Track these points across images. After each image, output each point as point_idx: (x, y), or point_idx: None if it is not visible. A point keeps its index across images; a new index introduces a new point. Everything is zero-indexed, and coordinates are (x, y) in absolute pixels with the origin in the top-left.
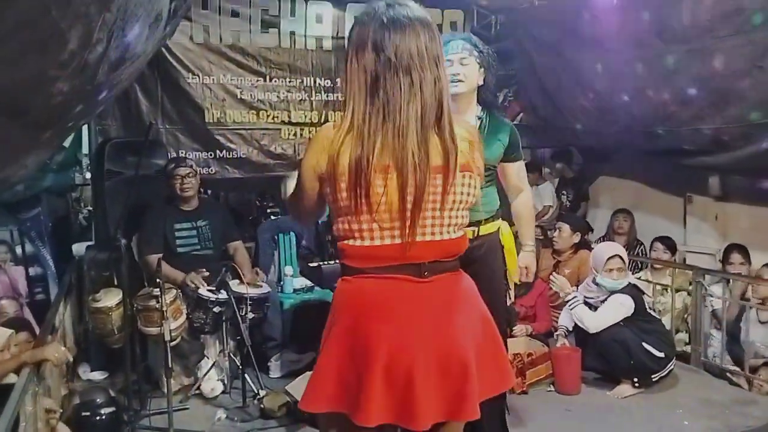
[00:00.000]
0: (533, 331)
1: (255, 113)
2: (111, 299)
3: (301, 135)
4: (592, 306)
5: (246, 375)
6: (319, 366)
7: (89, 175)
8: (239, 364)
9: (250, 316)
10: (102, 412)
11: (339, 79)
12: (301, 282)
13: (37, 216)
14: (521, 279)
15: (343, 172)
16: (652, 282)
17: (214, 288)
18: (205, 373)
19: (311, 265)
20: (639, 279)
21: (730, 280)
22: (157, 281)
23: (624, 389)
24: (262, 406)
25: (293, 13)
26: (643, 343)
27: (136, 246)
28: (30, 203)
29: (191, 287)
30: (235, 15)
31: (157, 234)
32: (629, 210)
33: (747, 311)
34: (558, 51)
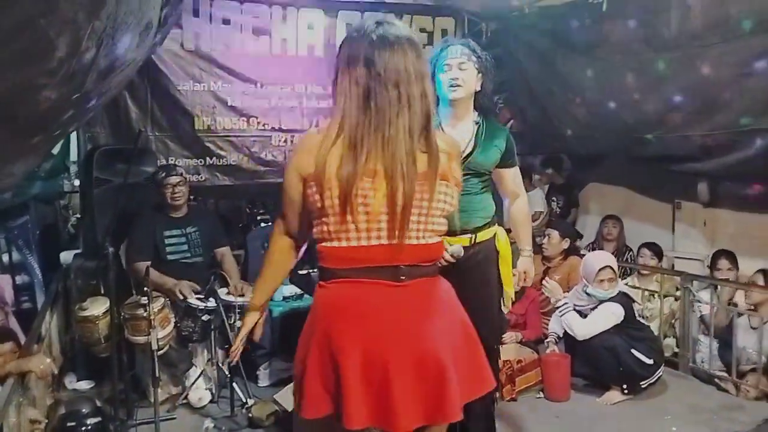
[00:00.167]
0: (523, 338)
1: (245, 120)
2: (98, 308)
3: (292, 142)
4: (582, 313)
5: (234, 384)
6: (308, 373)
7: (78, 183)
8: (227, 373)
9: (238, 324)
10: (88, 422)
11: (330, 87)
12: (291, 290)
13: (25, 224)
14: (520, 284)
15: (331, 176)
16: (639, 288)
17: (202, 296)
18: (193, 382)
19: (301, 273)
20: (627, 285)
21: (717, 285)
22: (145, 289)
23: (613, 396)
24: (250, 415)
25: (284, 21)
26: (633, 350)
27: (124, 253)
28: (18, 211)
29: (179, 297)
30: (226, 22)
31: (147, 241)
32: (618, 216)
33: (735, 317)
34: (548, 58)
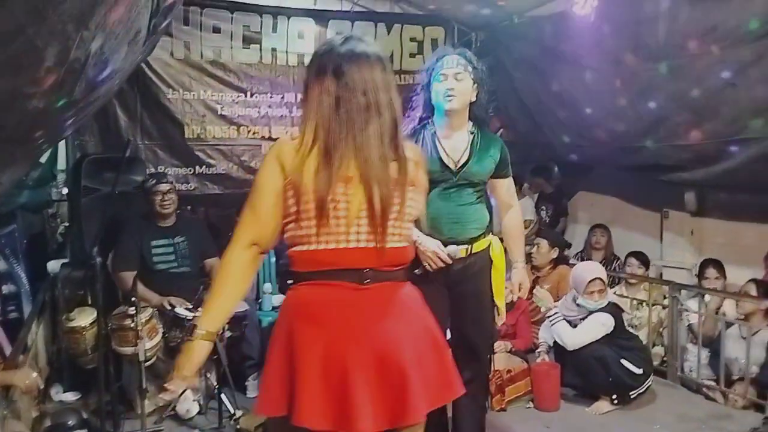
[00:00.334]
0: (513, 348)
1: (235, 129)
2: (85, 318)
3: None
4: (572, 323)
5: (222, 395)
6: (266, 372)
7: (66, 191)
8: (215, 384)
9: (227, 334)
10: None
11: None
12: (280, 299)
13: (12, 232)
14: (516, 295)
15: (309, 182)
16: (628, 297)
17: (191, 306)
18: (181, 394)
19: (290, 282)
20: (615, 293)
21: (705, 294)
22: (132, 300)
23: (602, 405)
24: (238, 426)
25: (275, 30)
26: (622, 360)
27: (111, 262)
28: (4, 219)
29: (167, 308)
30: (216, 31)
31: (134, 251)
32: (606, 225)
33: (723, 326)
34: (537, 68)
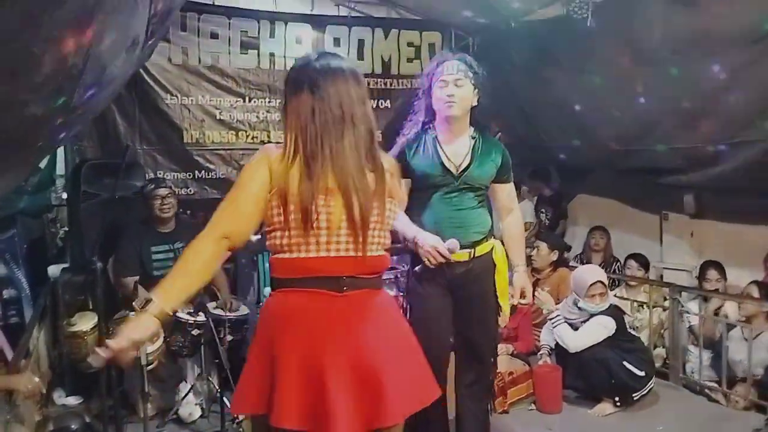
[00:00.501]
0: (515, 351)
1: (234, 134)
2: (86, 323)
3: None
4: (573, 326)
5: (224, 398)
6: (244, 372)
7: (65, 196)
8: (218, 387)
9: (228, 338)
10: None
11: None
12: None
13: (12, 238)
14: (518, 300)
15: (294, 191)
16: (628, 299)
17: (192, 310)
18: (183, 397)
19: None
20: (615, 296)
21: (705, 296)
22: (133, 304)
23: (605, 408)
24: (240, 430)
25: (272, 35)
26: (624, 362)
27: (111, 268)
28: (4, 224)
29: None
30: (214, 36)
31: (133, 256)
32: (605, 227)
33: (724, 328)
34: (534, 72)
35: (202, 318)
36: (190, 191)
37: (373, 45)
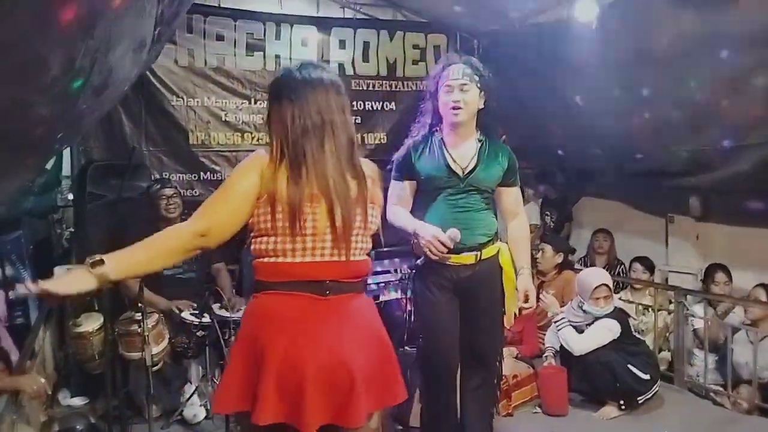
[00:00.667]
0: (519, 354)
1: (239, 135)
2: (92, 324)
3: None
4: (578, 329)
5: None
6: (226, 372)
7: (71, 197)
8: None
9: (233, 339)
10: None
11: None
12: None
13: (18, 239)
14: (523, 304)
15: (282, 196)
16: (633, 302)
17: (197, 311)
18: (188, 399)
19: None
20: (620, 299)
21: (710, 299)
22: (139, 305)
23: (609, 411)
24: None
25: (278, 37)
26: (629, 366)
27: None
28: (10, 225)
29: (175, 312)
30: (220, 38)
31: None
32: (609, 230)
33: (730, 331)
34: (540, 75)
35: (207, 319)
36: (195, 193)
37: (379, 47)
